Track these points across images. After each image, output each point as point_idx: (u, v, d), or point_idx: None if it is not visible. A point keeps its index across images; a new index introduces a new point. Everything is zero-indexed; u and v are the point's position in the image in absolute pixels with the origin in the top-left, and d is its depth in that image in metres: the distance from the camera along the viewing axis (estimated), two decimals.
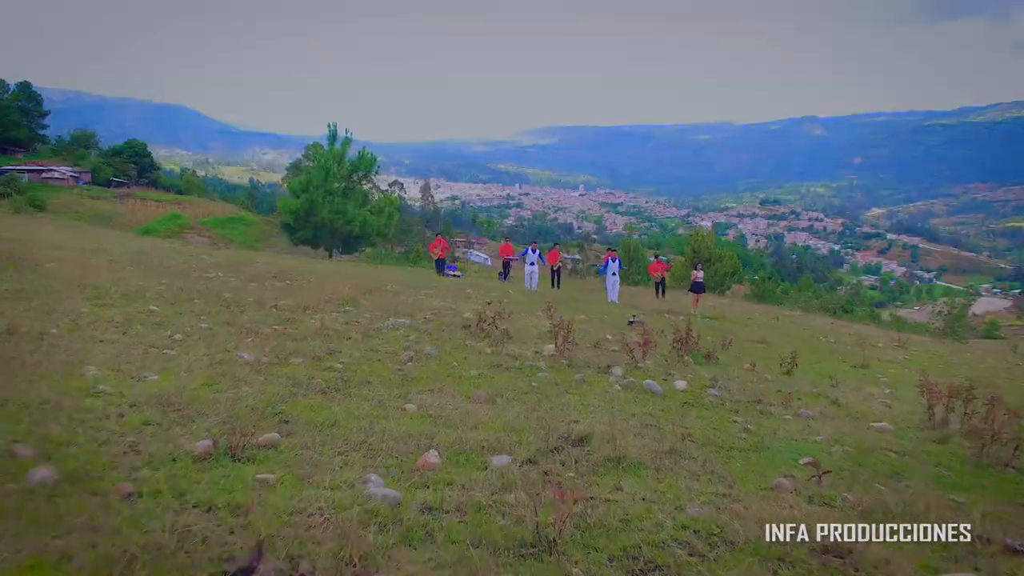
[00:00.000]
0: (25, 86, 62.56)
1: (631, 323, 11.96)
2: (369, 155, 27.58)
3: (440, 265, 19.00)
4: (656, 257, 18.99)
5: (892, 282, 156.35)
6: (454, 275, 19.64)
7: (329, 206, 25.23)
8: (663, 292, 18.52)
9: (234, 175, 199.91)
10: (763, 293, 40.31)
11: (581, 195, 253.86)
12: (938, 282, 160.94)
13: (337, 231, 26.02)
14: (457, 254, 52.33)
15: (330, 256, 26.84)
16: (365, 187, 28.34)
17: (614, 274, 16.85)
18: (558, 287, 18.39)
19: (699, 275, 17.43)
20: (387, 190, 28.23)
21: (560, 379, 5.79)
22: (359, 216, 26.31)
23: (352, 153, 26.97)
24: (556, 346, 7.45)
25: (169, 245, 16.91)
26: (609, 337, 9.60)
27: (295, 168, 50.70)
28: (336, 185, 25.87)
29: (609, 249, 17.50)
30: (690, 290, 17.81)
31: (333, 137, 26.28)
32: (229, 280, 9.51)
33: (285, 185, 29.12)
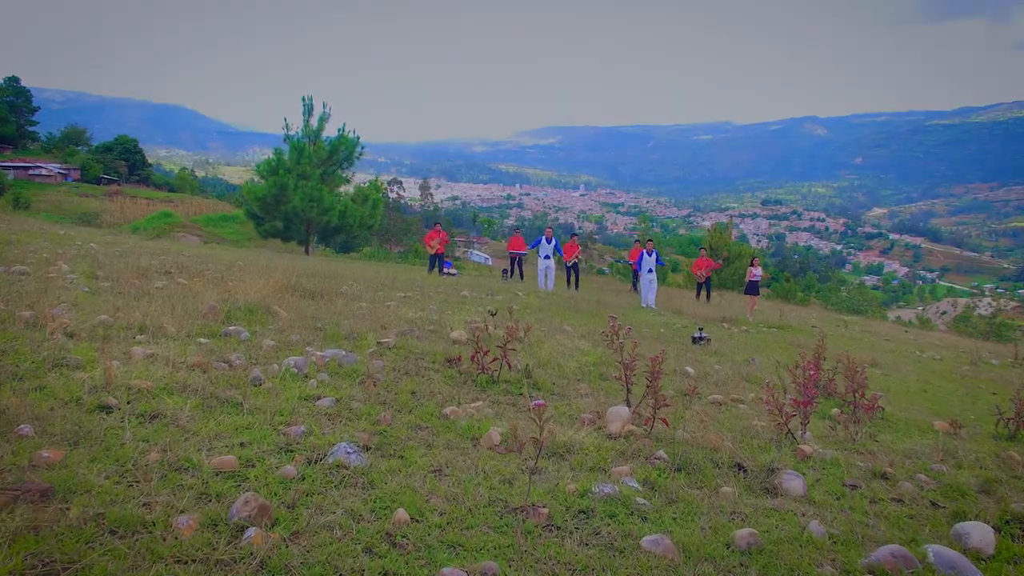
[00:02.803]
0: (13, 81, 58.79)
1: (697, 340, 8.32)
2: (351, 136, 23.76)
3: (435, 261, 15.26)
4: (702, 251, 15.29)
5: (895, 282, 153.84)
6: (449, 272, 15.92)
7: (302, 192, 21.41)
8: (708, 294, 14.80)
9: (234, 175, 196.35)
10: (786, 292, 37.22)
11: (582, 195, 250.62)
12: (941, 282, 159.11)
13: (312, 221, 22.21)
14: (457, 254, 48.52)
15: (307, 252, 23.06)
16: (345, 174, 24.50)
17: (650, 270, 13.15)
18: (576, 287, 14.70)
19: (756, 272, 13.72)
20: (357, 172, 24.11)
21: (699, 552, 2.08)
22: (338, 204, 22.49)
23: (332, 133, 23.23)
24: (631, 408, 3.75)
25: (64, 231, 13.18)
26: (690, 371, 5.89)
27: None
28: (310, 169, 22.05)
29: (647, 240, 13.78)
30: (745, 291, 14.12)
31: (308, 112, 22.52)
32: (67, 276, 5.81)
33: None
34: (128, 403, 2.63)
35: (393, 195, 57.21)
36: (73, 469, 1.95)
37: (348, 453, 2.34)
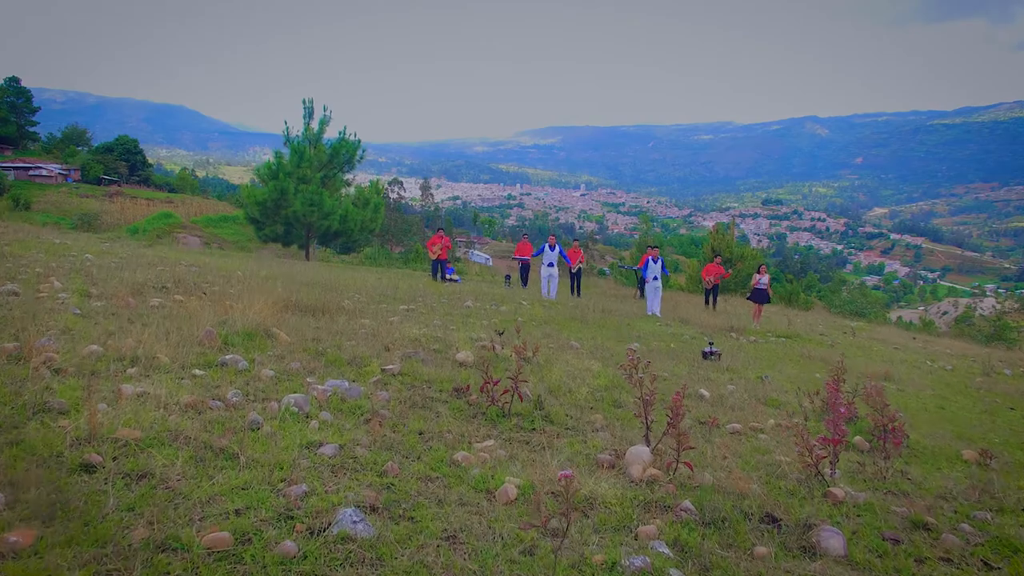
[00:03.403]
0: (13, 81, 58.56)
1: (707, 355, 8.10)
2: (352, 139, 23.55)
3: (438, 267, 15.13)
4: (717, 258, 15.07)
5: (896, 282, 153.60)
6: (451, 279, 15.73)
7: (302, 196, 21.20)
8: (714, 301, 14.60)
9: (235, 175, 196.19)
10: (789, 295, 36.90)
11: (582, 195, 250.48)
12: (942, 282, 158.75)
13: (313, 226, 22.01)
14: (458, 254, 48.21)
15: (307, 256, 22.86)
16: (347, 176, 24.29)
17: (655, 278, 12.93)
18: (578, 294, 14.50)
19: (762, 279, 13.50)
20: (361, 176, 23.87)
21: None
22: (339, 209, 22.29)
23: (333, 136, 23.00)
24: (650, 446, 3.54)
25: (61, 240, 12.98)
26: (705, 393, 5.68)
27: None
28: (311, 172, 21.84)
29: (649, 247, 13.57)
30: (750, 298, 13.91)
31: (309, 115, 22.31)
32: (59, 295, 5.60)
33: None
34: (114, 459, 2.43)
35: (394, 195, 56.97)
36: (44, 557, 1.73)
37: (354, 522, 2.13)
